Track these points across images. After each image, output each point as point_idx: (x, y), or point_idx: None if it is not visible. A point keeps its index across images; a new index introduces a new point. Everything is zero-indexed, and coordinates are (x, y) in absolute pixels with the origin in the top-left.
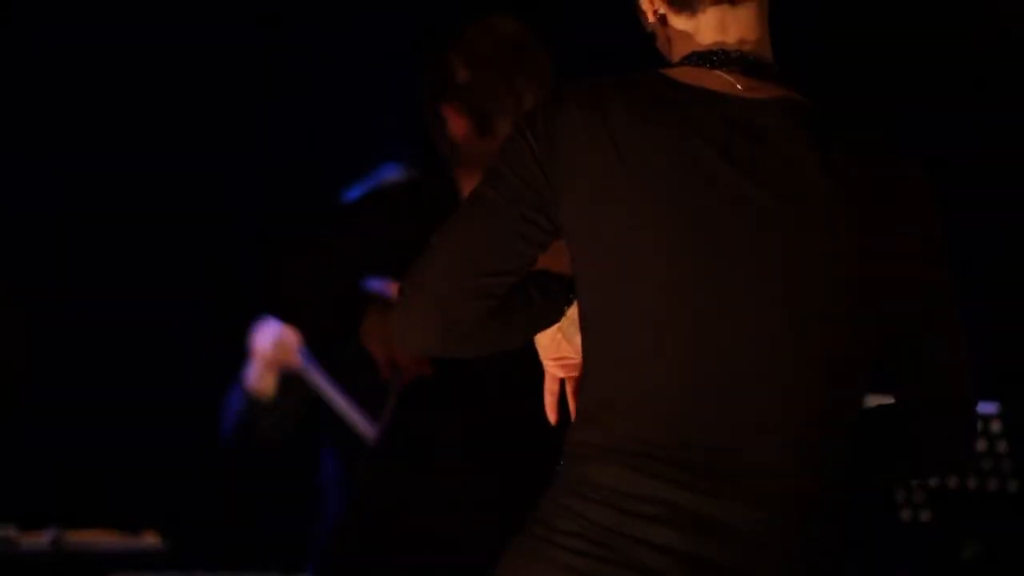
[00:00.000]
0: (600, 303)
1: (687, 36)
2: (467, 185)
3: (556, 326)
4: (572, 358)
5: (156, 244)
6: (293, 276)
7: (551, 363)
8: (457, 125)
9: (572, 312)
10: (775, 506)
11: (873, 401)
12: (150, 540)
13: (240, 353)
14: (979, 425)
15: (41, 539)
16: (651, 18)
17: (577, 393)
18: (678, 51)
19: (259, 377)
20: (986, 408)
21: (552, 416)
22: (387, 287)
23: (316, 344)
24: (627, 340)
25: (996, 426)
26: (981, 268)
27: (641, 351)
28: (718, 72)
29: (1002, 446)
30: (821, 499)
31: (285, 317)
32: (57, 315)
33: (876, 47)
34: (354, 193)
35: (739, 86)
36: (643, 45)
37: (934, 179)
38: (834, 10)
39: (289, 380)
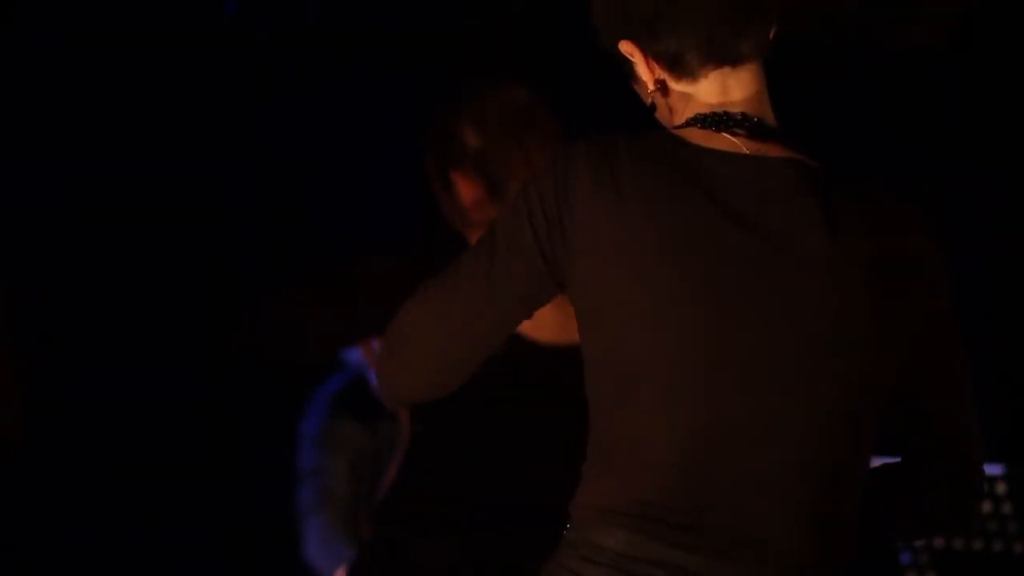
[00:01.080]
0: (602, 363)
1: (689, 101)
2: None
3: None
4: None
5: (156, 244)
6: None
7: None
8: (467, 191)
9: None
10: (780, 567)
11: (879, 461)
12: None
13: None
14: (985, 486)
15: None
16: (651, 86)
17: None
18: (680, 116)
19: None
20: (991, 470)
21: None
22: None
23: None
24: (630, 402)
25: (1001, 488)
26: (987, 329)
27: (644, 413)
28: (723, 134)
29: (1007, 508)
30: (826, 560)
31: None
32: (57, 315)
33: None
34: None
35: (744, 148)
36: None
37: (942, 240)
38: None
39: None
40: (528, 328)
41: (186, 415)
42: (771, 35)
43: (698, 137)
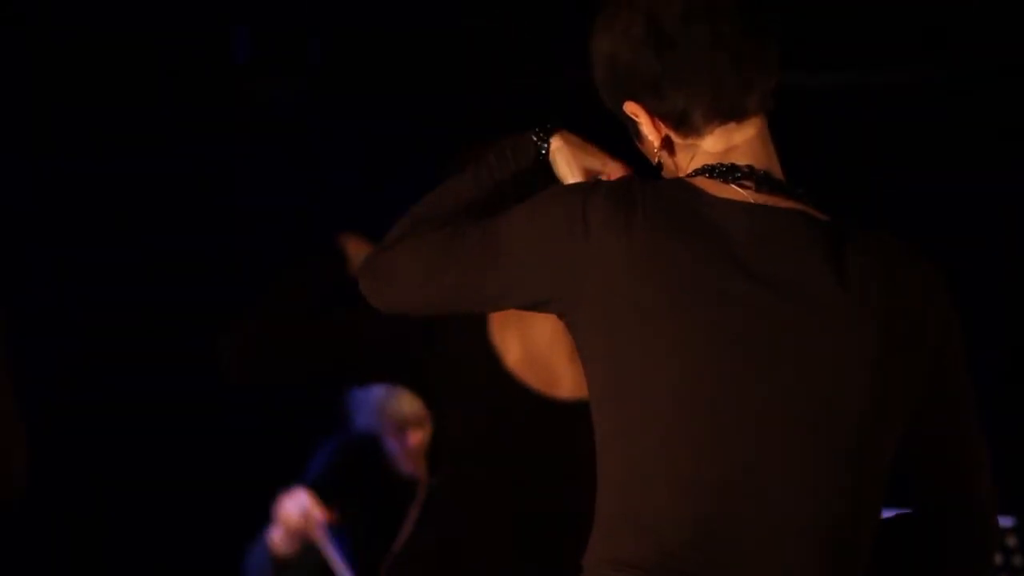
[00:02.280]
0: (613, 413)
1: (695, 153)
2: None
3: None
4: None
5: (156, 244)
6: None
7: None
8: None
9: None
10: None
11: (891, 512)
12: None
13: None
14: (998, 537)
15: None
16: (657, 144)
17: None
18: (685, 169)
19: (283, 543)
20: (1002, 522)
21: None
22: None
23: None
24: (642, 453)
25: (1012, 540)
26: (997, 380)
27: (657, 464)
28: (731, 185)
29: (1018, 560)
30: None
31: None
32: (57, 316)
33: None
34: None
35: (751, 199)
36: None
37: (955, 292)
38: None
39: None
40: (544, 385)
41: (186, 415)
42: (774, 86)
43: (707, 186)
